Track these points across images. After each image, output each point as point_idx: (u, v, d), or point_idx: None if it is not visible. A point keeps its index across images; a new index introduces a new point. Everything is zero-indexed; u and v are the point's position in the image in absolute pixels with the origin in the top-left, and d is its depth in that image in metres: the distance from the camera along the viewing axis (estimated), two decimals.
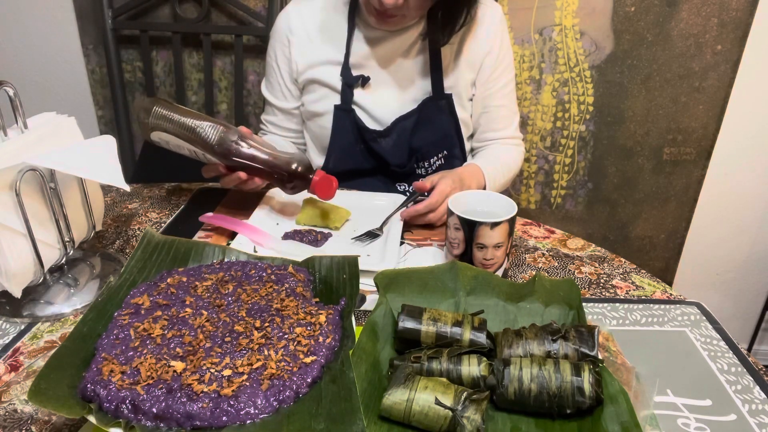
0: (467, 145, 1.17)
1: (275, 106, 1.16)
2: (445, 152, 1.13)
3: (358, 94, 1.08)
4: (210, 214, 0.89)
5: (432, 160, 1.13)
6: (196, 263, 0.70)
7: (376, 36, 1.07)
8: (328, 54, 1.08)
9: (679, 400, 0.59)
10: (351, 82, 1.07)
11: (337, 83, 1.08)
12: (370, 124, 1.10)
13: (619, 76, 1.55)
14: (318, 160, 1.18)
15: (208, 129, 0.83)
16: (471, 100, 1.13)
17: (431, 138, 1.10)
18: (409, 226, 0.92)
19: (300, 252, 0.79)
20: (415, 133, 1.08)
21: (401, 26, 1.03)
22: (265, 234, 0.84)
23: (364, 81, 1.07)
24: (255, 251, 0.80)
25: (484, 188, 1.03)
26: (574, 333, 0.57)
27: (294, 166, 0.84)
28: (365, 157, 1.12)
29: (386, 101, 1.09)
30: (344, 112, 1.08)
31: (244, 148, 0.84)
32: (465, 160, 1.16)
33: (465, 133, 1.14)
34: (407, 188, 1.15)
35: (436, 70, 1.07)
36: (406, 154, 1.10)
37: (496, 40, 1.10)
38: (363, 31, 1.07)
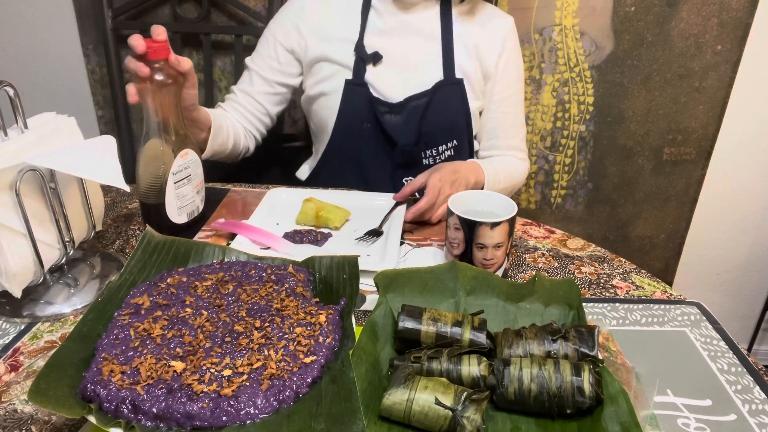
0: (475, 144, 1.16)
1: (257, 72, 1.12)
2: (455, 142, 1.12)
3: (370, 71, 1.08)
4: (222, 220, 0.89)
5: (441, 149, 1.12)
6: (196, 263, 0.70)
7: (392, 16, 1.07)
8: (341, 31, 1.08)
9: (679, 400, 0.59)
10: (365, 57, 1.06)
11: (350, 60, 1.07)
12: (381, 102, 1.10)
13: (619, 76, 1.55)
14: (321, 146, 1.16)
15: None
16: (483, 92, 1.13)
17: (442, 123, 1.10)
18: (409, 226, 0.92)
19: (300, 252, 0.79)
20: (426, 115, 1.08)
21: None
22: (281, 240, 0.84)
23: (376, 58, 1.07)
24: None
25: (483, 187, 1.02)
26: (574, 333, 0.57)
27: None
28: (372, 136, 1.10)
29: (396, 81, 1.08)
30: (356, 87, 1.07)
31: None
32: (472, 156, 1.15)
33: (475, 126, 1.13)
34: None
35: (447, 55, 1.07)
36: (414, 135, 1.09)
37: (507, 45, 1.11)
38: (379, 10, 1.08)
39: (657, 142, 1.64)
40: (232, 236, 0.85)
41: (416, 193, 0.95)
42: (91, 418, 0.47)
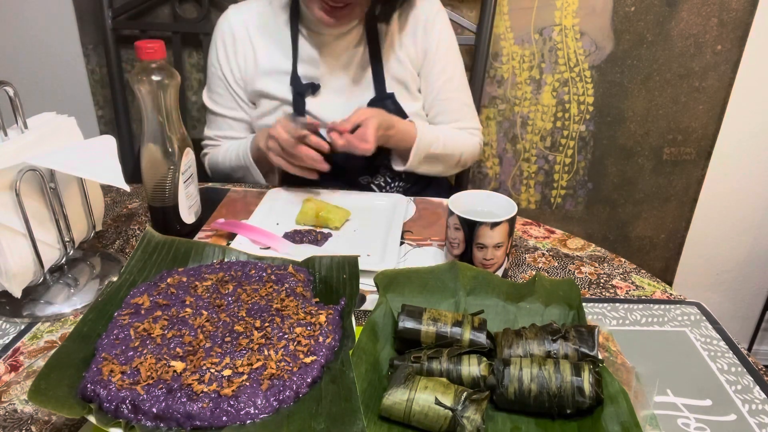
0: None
1: (223, 115, 1.12)
2: None
3: (309, 102, 1.07)
4: (222, 220, 0.89)
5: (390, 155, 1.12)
6: (196, 263, 0.70)
7: (321, 41, 1.06)
8: (273, 62, 1.06)
9: (679, 400, 0.59)
10: (302, 90, 1.05)
11: (287, 94, 1.06)
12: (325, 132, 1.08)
13: (619, 76, 1.55)
14: (274, 172, 1.16)
15: None
16: (419, 91, 1.13)
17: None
18: (409, 225, 0.92)
19: (300, 252, 0.79)
20: None
21: (348, 23, 1.01)
22: (281, 240, 0.84)
23: (314, 89, 1.06)
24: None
25: (413, 138, 1.03)
26: (574, 333, 0.57)
27: None
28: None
29: (336, 107, 1.07)
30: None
31: None
32: None
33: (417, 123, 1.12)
34: (370, 180, 1.14)
35: (376, 70, 1.06)
36: (360, 159, 1.04)
37: (434, 36, 1.09)
38: (307, 37, 1.06)
39: (657, 142, 1.64)
40: (232, 236, 0.85)
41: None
42: (91, 418, 0.47)
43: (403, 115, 1.09)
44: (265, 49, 1.07)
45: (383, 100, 1.08)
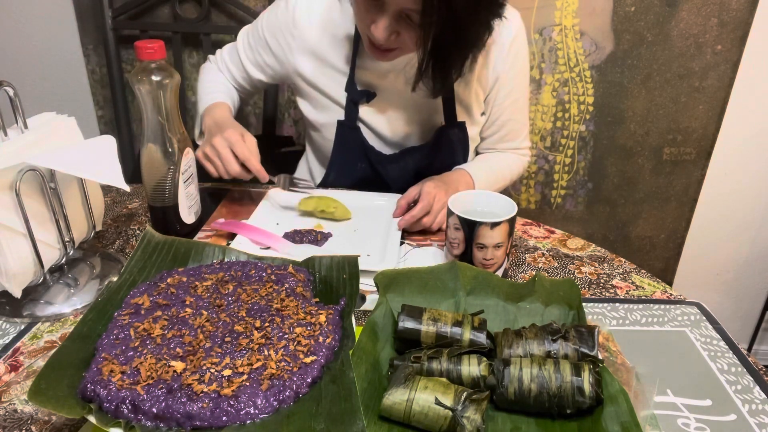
0: (471, 156, 1.12)
1: (240, 58, 1.08)
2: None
3: (364, 110, 1.02)
4: (221, 220, 0.89)
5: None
6: (196, 263, 0.70)
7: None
8: (333, 58, 1.01)
9: (679, 400, 0.59)
10: (356, 98, 1.00)
11: (341, 97, 1.01)
12: (377, 144, 1.05)
13: (619, 76, 1.55)
14: (317, 171, 1.14)
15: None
16: (483, 113, 1.07)
17: (439, 166, 1.04)
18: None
19: (300, 252, 0.79)
20: (424, 161, 1.05)
21: (399, 57, 0.93)
22: (281, 240, 0.84)
23: (369, 97, 1.00)
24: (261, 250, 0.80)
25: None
26: (574, 333, 0.57)
27: None
28: (367, 174, 1.07)
29: (395, 122, 1.03)
30: (349, 129, 1.03)
31: None
32: None
33: (471, 147, 1.09)
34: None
35: (449, 99, 1.00)
36: (411, 180, 1.03)
37: (508, 60, 1.01)
38: None
39: (657, 142, 1.64)
40: (232, 236, 0.85)
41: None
42: (91, 418, 0.47)
43: (466, 143, 1.05)
44: (325, 40, 1.00)
45: (452, 129, 1.02)
